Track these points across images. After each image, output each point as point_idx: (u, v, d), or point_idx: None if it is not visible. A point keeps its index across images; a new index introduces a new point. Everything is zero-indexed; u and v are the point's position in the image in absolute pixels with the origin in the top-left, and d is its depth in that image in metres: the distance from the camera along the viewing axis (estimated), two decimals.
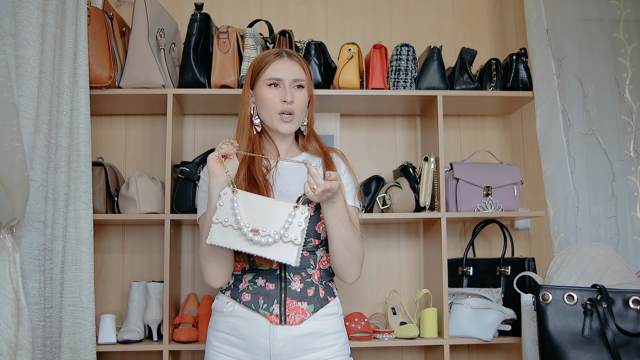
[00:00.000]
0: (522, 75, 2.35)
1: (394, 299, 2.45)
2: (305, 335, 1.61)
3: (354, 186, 1.75)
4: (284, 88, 1.67)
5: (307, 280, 1.64)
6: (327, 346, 1.63)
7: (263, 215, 1.47)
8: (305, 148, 1.78)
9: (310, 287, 1.64)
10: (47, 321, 1.84)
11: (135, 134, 2.51)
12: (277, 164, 1.70)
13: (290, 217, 1.47)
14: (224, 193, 1.48)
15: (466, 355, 2.53)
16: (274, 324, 1.59)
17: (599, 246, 2.02)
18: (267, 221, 1.47)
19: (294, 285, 1.63)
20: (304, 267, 1.64)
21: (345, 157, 1.80)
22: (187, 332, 2.16)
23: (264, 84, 1.68)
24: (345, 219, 1.58)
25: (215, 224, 1.47)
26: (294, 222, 1.46)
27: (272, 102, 1.67)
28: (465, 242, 2.58)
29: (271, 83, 1.67)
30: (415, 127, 2.61)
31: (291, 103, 1.67)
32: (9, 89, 1.40)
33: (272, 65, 1.68)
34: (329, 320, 1.65)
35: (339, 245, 1.60)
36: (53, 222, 1.88)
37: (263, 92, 1.68)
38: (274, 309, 1.60)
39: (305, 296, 1.63)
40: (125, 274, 2.44)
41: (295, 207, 1.48)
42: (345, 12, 2.66)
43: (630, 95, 2.35)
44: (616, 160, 2.33)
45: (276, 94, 1.67)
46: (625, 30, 2.38)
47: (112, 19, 2.22)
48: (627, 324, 1.81)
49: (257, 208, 1.48)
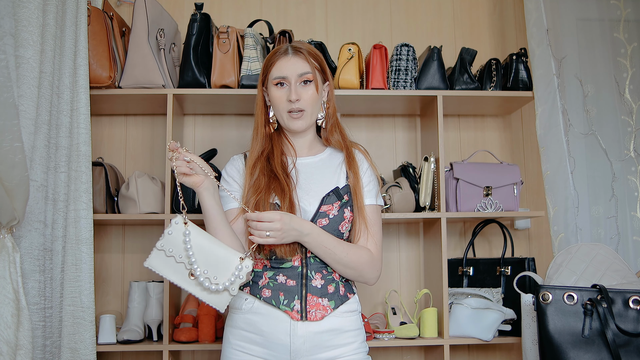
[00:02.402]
0: (522, 75, 2.35)
1: (394, 299, 2.45)
2: (325, 332, 1.60)
3: (376, 184, 1.75)
4: (289, 86, 1.66)
5: (328, 278, 1.64)
6: (346, 343, 1.63)
7: (214, 261, 1.49)
8: (329, 142, 1.75)
9: (331, 284, 1.64)
10: (48, 321, 1.84)
11: (135, 134, 2.51)
12: (295, 164, 1.70)
13: (238, 270, 1.50)
14: (175, 222, 1.49)
15: (466, 355, 2.53)
16: (294, 320, 1.58)
17: (599, 246, 2.02)
18: (217, 269, 1.49)
19: (316, 282, 1.62)
20: (325, 265, 1.64)
21: (368, 154, 1.78)
22: (187, 332, 2.16)
23: (272, 84, 1.68)
24: (329, 243, 1.59)
25: (158, 250, 1.49)
26: (240, 274, 1.50)
27: (280, 101, 1.67)
28: (465, 242, 2.58)
29: (277, 82, 1.67)
30: (415, 127, 2.61)
31: (297, 101, 1.65)
32: (9, 89, 1.40)
33: (277, 63, 1.67)
34: (348, 317, 1.65)
35: (338, 268, 1.63)
36: (53, 222, 1.88)
37: (271, 91, 1.68)
38: (295, 304, 1.59)
39: (325, 292, 1.62)
40: (125, 274, 2.44)
41: (241, 258, 1.51)
42: (345, 12, 2.66)
43: (630, 95, 2.35)
44: (616, 160, 2.33)
45: (283, 93, 1.66)
46: (625, 30, 2.38)
47: (112, 19, 2.22)
48: (627, 324, 1.81)
49: (207, 250, 1.49)
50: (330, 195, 1.65)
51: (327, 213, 1.63)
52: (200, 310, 2.21)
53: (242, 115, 2.54)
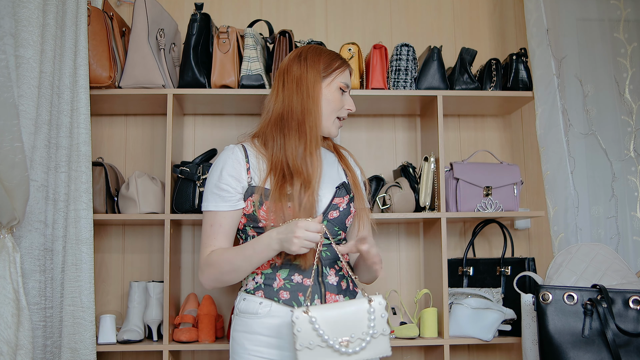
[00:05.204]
0: (522, 75, 2.35)
1: (394, 299, 2.45)
2: None
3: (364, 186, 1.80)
4: (347, 95, 1.73)
5: (340, 274, 1.65)
6: None
7: (344, 323, 1.44)
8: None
9: (343, 280, 1.66)
10: (48, 321, 1.84)
11: (135, 134, 2.51)
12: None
13: (370, 313, 1.44)
14: (296, 318, 1.42)
15: (466, 355, 2.53)
16: None
17: (599, 246, 2.02)
18: (350, 328, 1.44)
19: (331, 279, 1.63)
20: (336, 260, 1.65)
21: (353, 156, 1.85)
22: (187, 332, 2.16)
23: (338, 85, 1.70)
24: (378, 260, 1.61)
25: (300, 351, 1.43)
26: (376, 316, 1.45)
27: (338, 105, 1.70)
28: (465, 242, 2.58)
29: (344, 88, 1.71)
30: (415, 127, 2.61)
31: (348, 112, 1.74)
32: (9, 89, 1.40)
33: (346, 71, 1.73)
34: None
35: (366, 276, 1.69)
36: (53, 222, 1.88)
37: (334, 93, 1.69)
38: (315, 304, 1.59)
39: (341, 289, 1.64)
40: (125, 274, 2.44)
41: (370, 301, 1.46)
42: (345, 12, 2.66)
43: (630, 95, 2.35)
44: (616, 160, 2.33)
45: (340, 99, 1.71)
46: (625, 30, 2.38)
47: (112, 19, 2.22)
48: (627, 324, 1.81)
49: (334, 318, 1.44)
50: (341, 188, 1.68)
51: (338, 205, 1.67)
52: (201, 310, 2.21)
53: (242, 115, 2.54)
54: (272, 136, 1.67)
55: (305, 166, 1.61)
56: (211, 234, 1.63)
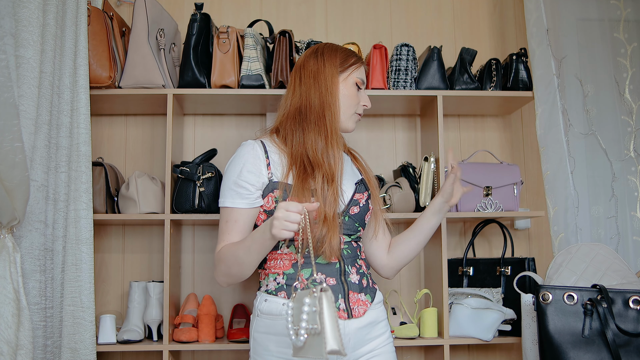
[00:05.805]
0: (522, 75, 2.35)
1: (393, 298, 2.45)
2: (365, 326, 1.61)
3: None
4: (362, 91, 1.73)
5: (360, 272, 1.65)
6: (380, 334, 1.65)
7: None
8: None
9: (364, 278, 1.65)
10: (48, 321, 1.84)
11: (135, 134, 2.51)
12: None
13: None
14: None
15: (466, 355, 2.53)
16: (342, 319, 1.56)
17: (599, 246, 2.02)
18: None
19: (353, 277, 1.62)
20: (356, 258, 1.65)
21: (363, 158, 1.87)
22: (187, 332, 2.16)
23: (354, 81, 1.70)
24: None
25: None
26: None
27: (355, 101, 1.71)
28: (465, 242, 2.58)
29: (359, 84, 1.71)
30: (415, 127, 2.61)
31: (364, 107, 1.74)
32: (9, 89, 1.40)
33: (361, 67, 1.73)
34: (379, 308, 1.68)
35: (416, 252, 1.75)
36: (54, 222, 1.87)
37: (351, 88, 1.69)
38: (339, 304, 1.57)
39: (362, 287, 1.63)
40: (125, 274, 2.44)
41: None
42: (345, 12, 2.66)
43: (630, 95, 2.35)
44: (616, 160, 2.33)
45: (357, 95, 1.71)
46: (625, 30, 2.38)
47: (112, 19, 2.22)
48: (627, 324, 1.81)
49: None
50: (360, 184, 1.70)
51: (359, 201, 1.67)
52: (201, 310, 2.21)
53: (242, 115, 2.54)
54: (291, 130, 1.65)
55: (327, 160, 1.61)
56: (226, 230, 1.61)
